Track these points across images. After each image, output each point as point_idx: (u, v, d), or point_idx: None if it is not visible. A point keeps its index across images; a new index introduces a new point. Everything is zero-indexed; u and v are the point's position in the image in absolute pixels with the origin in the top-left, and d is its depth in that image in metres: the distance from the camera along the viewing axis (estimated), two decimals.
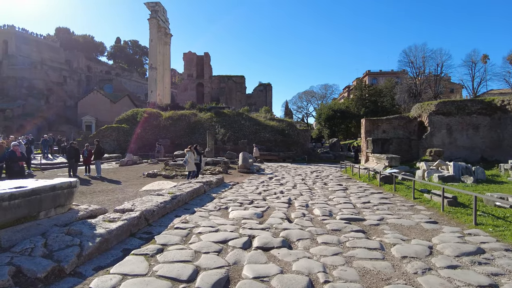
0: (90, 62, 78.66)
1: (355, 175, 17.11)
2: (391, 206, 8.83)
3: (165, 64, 49.69)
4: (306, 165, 26.68)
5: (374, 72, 75.93)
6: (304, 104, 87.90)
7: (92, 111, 58.90)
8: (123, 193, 11.55)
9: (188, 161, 14.10)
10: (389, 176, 12.99)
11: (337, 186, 12.88)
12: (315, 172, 20.23)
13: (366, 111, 60.27)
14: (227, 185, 12.11)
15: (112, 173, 18.59)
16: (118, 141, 33.06)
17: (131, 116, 35.77)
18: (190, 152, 14.48)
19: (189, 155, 14.24)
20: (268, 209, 8.16)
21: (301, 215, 7.49)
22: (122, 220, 5.55)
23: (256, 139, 32.68)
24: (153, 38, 45.87)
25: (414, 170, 14.87)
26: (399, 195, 10.66)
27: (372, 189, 12.20)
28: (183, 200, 8.17)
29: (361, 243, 5.44)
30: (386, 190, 11.79)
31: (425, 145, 18.65)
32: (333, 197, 10.22)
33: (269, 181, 14.78)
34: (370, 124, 20.65)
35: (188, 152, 14.43)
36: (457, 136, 18.54)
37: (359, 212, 8.01)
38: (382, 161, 15.88)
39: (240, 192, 10.65)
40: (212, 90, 63.82)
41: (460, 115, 18.47)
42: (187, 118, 34.24)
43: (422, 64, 58.89)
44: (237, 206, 8.36)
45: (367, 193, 11.05)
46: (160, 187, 12.77)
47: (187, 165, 14.35)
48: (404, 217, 7.51)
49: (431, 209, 8.37)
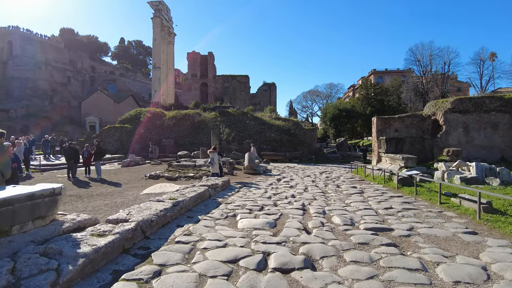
0: (94, 62, 78.19)
1: (367, 176, 16.14)
2: (416, 212, 7.88)
3: (168, 64, 48.91)
4: (314, 165, 25.72)
5: (380, 71, 74.75)
6: (308, 103, 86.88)
7: (95, 111, 58.36)
8: (123, 196, 10.72)
9: (214, 162, 13.54)
10: (407, 178, 12.03)
11: (352, 189, 11.93)
12: (325, 173, 19.28)
13: (373, 110, 59.12)
14: (233, 188, 11.22)
15: (113, 175, 17.79)
16: (121, 141, 32.29)
17: (134, 116, 34.99)
18: (215, 153, 13.88)
19: (214, 156, 13.65)
20: (281, 216, 7.24)
21: (320, 224, 6.57)
22: (114, 233, 4.67)
23: (262, 139, 31.78)
24: (157, 37, 45.11)
25: (432, 171, 13.89)
26: (421, 199, 9.70)
27: (390, 192, 11.24)
28: (186, 207, 7.28)
29: (398, 262, 4.52)
30: (405, 193, 10.83)
31: (440, 145, 17.63)
32: (350, 202, 9.28)
33: (278, 183, 13.86)
34: (381, 123, 19.65)
35: (213, 153, 13.79)
36: (474, 135, 17.50)
37: (384, 220, 7.08)
38: (397, 162, 14.90)
39: (248, 196, 9.75)
40: (216, 90, 63.04)
41: (478, 112, 17.43)
42: (191, 117, 33.40)
43: (429, 62, 57.68)
44: (246, 213, 7.46)
45: (386, 197, 10.10)
46: (162, 190, 11.91)
47: (213, 167, 13.67)
48: (436, 226, 6.57)
49: (463, 216, 7.41)
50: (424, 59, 57.60)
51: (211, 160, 13.68)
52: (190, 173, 16.09)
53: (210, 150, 14.22)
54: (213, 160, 13.63)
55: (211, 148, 14.54)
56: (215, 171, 13.70)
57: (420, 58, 57.59)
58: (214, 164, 13.68)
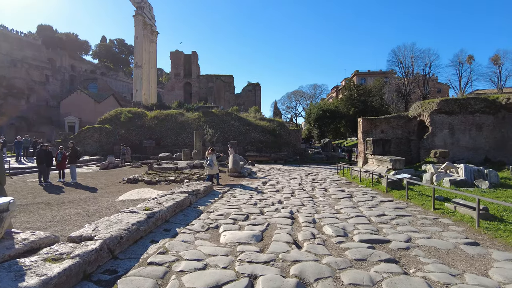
0: (74, 61, 75.63)
1: (354, 178, 15.73)
2: (411, 219, 7.39)
3: (151, 63, 47.59)
4: (299, 166, 25.26)
5: (363, 72, 75.41)
6: (293, 104, 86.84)
7: (75, 111, 56.31)
8: (96, 204, 9.85)
9: (213, 164, 13.31)
10: (397, 181, 11.62)
11: (340, 193, 11.42)
12: (310, 175, 18.80)
13: (356, 111, 59.41)
14: (216, 194, 10.50)
15: (89, 178, 16.76)
16: (100, 142, 30.99)
17: (115, 116, 33.70)
18: (213, 154, 13.63)
19: (212, 158, 13.41)
20: (269, 227, 6.60)
21: (311, 236, 5.96)
22: (73, 257, 3.92)
23: (246, 139, 31.13)
24: (139, 36, 43.76)
25: (420, 173, 13.57)
26: (414, 204, 9.26)
27: (380, 196, 10.79)
28: (163, 218, 6.54)
29: (402, 284, 3.95)
30: (396, 197, 10.39)
31: (427, 146, 17.43)
32: (340, 208, 8.74)
33: (263, 186, 13.24)
34: (368, 123, 19.33)
35: (211, 155, 13.51)
36: (460, 136, 17.38)
37: (378, 230, 6.54)
38: (384, 164, 14.53)
39: (232, 203, 9.06)
40: (200, 89, 61.95)
41: (463, 114, 17.32)
42: (173, 118, 32.39)
43: (411, 64, 58.46)
44: (230, 224, 6.77)
45: (377, 202, 9.62)
46: (140, 196, 11.09)
47: (212, 168, 13.34)
48: (434, 236, 6.08)
49: (460, 224, 6.97)
50: (406, 60, 58.37)
51: (210, 161, 13.32)
52: (171, 177, 15.27)
53: (208, 152, 13.84)
54: (211, 161, 13.30)
55: (209, 149, 14.13)
56: (215, 172, 13.45)
57: (402, 60, 58.34)
58: (213, 166, 13.35)
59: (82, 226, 5.99)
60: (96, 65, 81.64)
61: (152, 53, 48.52)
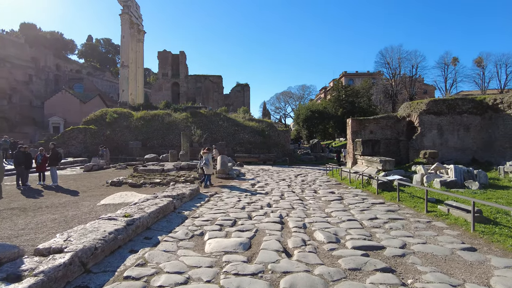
0: (59, 60, 73.78)
1: (344, 179, 15.51)
2: (404, 223, 7.13)
3: (138, 62, 46.71)
4: (288, 167, 24.99)
5: (351, 73, 75.88)
6: (282, 105, 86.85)
7: (60, 111, 54.98)
8: (76, 208, 9.31)
9: (209, 163, 13.21)
10: (387, 183, 11.40)
11: (330, 195, 11.14)
12: (300, 176, 18.52)
13: (344, 112, 59.68)
14: (203, 197, 10.08)
15: (72, 181, 16.10)
16: (85, 143, 30.10)
17: (100, 117, 32.83)
18: (209, 154, 13.52)
19: (208, 157, 13.29)
20: (257, 233, 6.24)
21: (301, 242, 5.62)
22: (36, 274, 3.47)
23: (235, 140, 30.72)
24: (125, 35, 42.87)
25: (410, 174, 13.42)
26: (405, 206, 9.04)
27: (371, 198, 10.55)
28: (144, 225, 6.11)
29: None
30: (387, 199, 10.15)
31: (416, 147, 17.36)
32: (331, 211, 8.44)
33: (252, 188, 12.86)
34: (357, 124, 19.18)
35: (207, 154, 13.41)
36: (448, 136, 17.38)
37: (371, 235, 6.25)
38: (374, 165, 14.34)
39: (219, 207, 8.66)
40: (188, 90, 61.22)
41: (451, 114, 17.32)
42: (160, 118, 31.73)
43: (398, 65, 59.11)
44: (216, 230, 6.38)
45: (368, 204, 9.36)
46: (123, 199, 10.58)
47: (207, 168, 13.22)
48: (429, 241, 5.82)
49: (455, 227, 6.73)
50: (393, 62, 59.04)
51: (206, 161, 13.13)
52: (157, 179, 14.76)
53: (204, 151, 13.61)
54: (207, 161, 13.12)
55: (205, 148, 13.97)
56: (210, 172, 13.32)
57: (390, 61, 59.00)
58: (209, 165, 13.20)
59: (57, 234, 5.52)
60: (82, 64, 79.90)
61: (139, 52, 47.64)
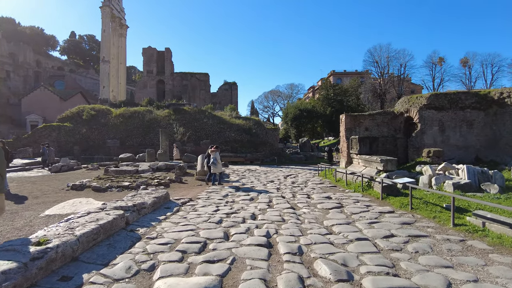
0: (39, 56, 70.18)
1: (339, 181, 13.69)
2: (431, 243, 5.29)
3: (120, 58, 44.14)
4: (277, 167, 23.12)
5: (339, 72, 74.65)
6: (270, 103, 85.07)
7: (38, 109, 51.91)
8: (11, 221, 7.18)
9: (217, 162, 12.72)
10: (392, 186, 9.61)
11: (327, 201, 9.27)
12: (290, 177, 16.66)
13: (332, 111, 58.27)
14: (172, 206, 8.03)
15: (29, 184, 13.82)
16: (59, 142, 27.56)
17: (76, 114, 30.31)
18: (217, 152, 12.99)
19: (216, 156, 12.79)
20: (234, 265, 4.27)
21: (298, 283, 3.70)
22: None
23: (220, 139, 28.66)
24: (106, 28, 40.31)
25: (415, 175, 11.68)
26: (421, 216, 7.22)
27: (375, 204, 8.72)
28: (65, 256, 4.07)
29: None
30: (396, 206, 8.33)
31: (416, 144, 15.71)
32: (332, 224, 6.55)
33: (235, 193, 10.89)
34: (351, 120, 17.41)
35: (215, 153, 12.87)
36: (450, 133, 15.78)
37: (394, 264, 4.38)
38: (373, 165, 12.57)
39: (189, 220, 6.65)
40: (174, 87, 58.75)
41: (453, 109, 15.72)
42: (141, 115, 29.40)
43: (387, 64, 57.96)
44: (174, 261, 4.37)
45: (375, 213, 7.51)
46: (74, 208, 8.48)
47: (216, 167, 12.75)
48: (481, 276, 3.98)
49: (503, 250, 4.92)
50: (382, 60, 57.80)
51: (214, 159, 12.63)
52: (126, 182, 12.65)
53: (212, 150, 13.07)
54: (215, 159, 12.64)
55: (213, 147, 13.30)
56: (219, 170, 12.95)
57: (378, 60, 57.74)
58: (217, 164, 12.71)
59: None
60: (64, 61, 76.39)
61: (121, 47, 45.06)
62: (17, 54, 64.59)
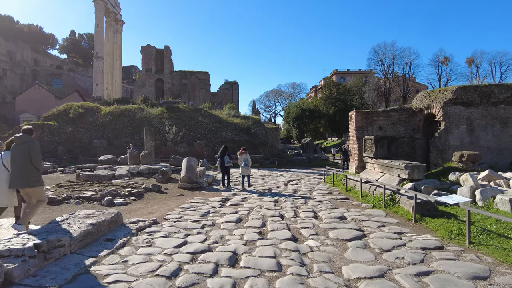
0: (37, 55, 67.94)
1: (351, 191, 11.12)
2: None
3: (115, 54, 41.74)
4: (277, 171, 20.60)
5: (342, 71, 72.01)
6: (271, 103, 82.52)
7: (33, 108, 49.64)
8: None
9: (248, 162, 12.49)
10: (428, 203, 7.04)
11: (341, 224, 6.70)
12: (291, 184, 14.15)
13: (336, 110, 55.67)
14: (119, 235, 5.40)
15: None
16: (42, 141, 25.10)
17: (63, 112, 27.89)
18: (247, 154, 12.70)
19: (247, 157, 12.54)
20: None
21: None
22: None
23: (216, 139, 26.14)
24: (99, 23, 37.94)
25: (447, 186, 9.09)
26: (492, 258, 4.63)
27: (408, 230, 6.14)
28: None
29: None
30: (441, 235, 5.72)
31: (439, 146, 13.09)
32: (356, 278, 3.98)
33: (219, 209, 8.33)
34: (363, 118, 14.80)
35: (246, 154, 12.56)
36: (480, 133, 13.16)
37: None
38: (394, 171, 9.99)
39: (128, 270, 4.09)
40: (173, 86, 56.30)
41: (484, 105, 13.10)
42: (131, 113, 26.92)
43: (392, 62, 55.27)
44: None
45: (416, 251, 4.93)
46: None
47: (247, 168, 12.47)
48: None
49: None
50: (386, 59, 55.15)
51: (245, 161, 12.35)
52: (90, 191, 10.15)
53: (240, 152, 12.74)
54: (246, 161, 12.36)
55: (241, 149, 12.94)
56: (249, 173, 12.70)
57: (383, 58, 55.14)
58: (248, 166, 12.47)
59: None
60: (63, 60, 74.14)
61: (117, 44, 42.68)
62: (14, 52, 62.44)
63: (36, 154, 5.11)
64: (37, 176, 5.18)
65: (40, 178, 5.25)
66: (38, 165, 5.17)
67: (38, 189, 5.21)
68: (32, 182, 5.09)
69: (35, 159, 5.10)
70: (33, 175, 5.10)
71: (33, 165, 5.09)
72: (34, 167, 5.10)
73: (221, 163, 12.92)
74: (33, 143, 5.15)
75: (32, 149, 5.08)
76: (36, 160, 5.12)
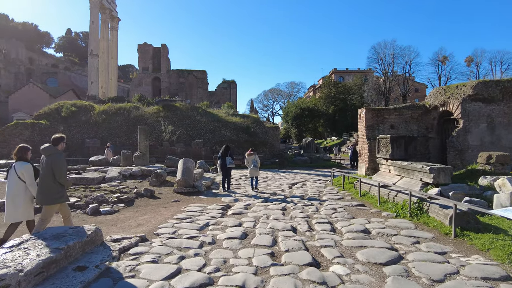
0: (32, 53, 66.37)
1: (365, 196, 9.98)
2: None
3: (111, 52, 40.40)
4: (278, 172, 19.43)
5: (341, 70, 71.00)
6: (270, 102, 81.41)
7: (27, 107, 48.15)
8: None
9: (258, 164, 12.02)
10: (469, 214, 5.92)
11: (367, 240, 5.54)
12: (296, 187, 13.01)
13: (335, 109, 54.65)
14: (94, 262, 4.20)
15: None
16: (32, 141, 23.75)
17: (55, 110, 26.58)
18: (256, 155, 12.21)
19: (256, 158, 12.05)
20: None
21: None
22: None
23: (215, 138, 24.94)
24: (94, 20, 36.59)
25: (477, 191, 7.97)
26: None
27: (452, 248, 5.01)
28: None
29: None
30: (497, 258, 4.58)
31: (458, 146, 11.99)
32: None
33: (221, 220, 7.14)
34: (373, 116, 13.66)
35: (253, 155, 12.04)
36: (502, 132, 12.06)
37: None
38: (415, 175, 8.85)
39: None
40: (170, 85, 54.96)
41: (506, 102, 11.99)
42: (126, 112, 25.64)
43: (391, 61, 54.27)
44: None
45: (477, 282, 3.79)
46: None
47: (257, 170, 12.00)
48: None
49: None
50: (386, 57, 54.13)
51: (254, 163, 11.83)
52: (73, 198, 8.91)
53: (249, 153, 12.25)
54: (255, 162, 11.87)
55: (249, 150, 12.45)
56: (257, 174, 12.09)
57: (383, 57, 54.12)
58: (257, 167, 11.98)
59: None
60: (59, 59, 72.58)
61: (113, 41, 41.34)
62: (8, 51, 60.85)
63: (59, 169, 4.86)
64: (61, 192, 4.99)
65: (65, 193, 5.08)
66: (62, 180, 4.97)
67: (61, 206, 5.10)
68: (55, 198, 4.92)
69: (59, 174, 4.86)
70: (56, 191, 4.90)
71: (56, 181, 4.88)
72: (58, 182, 4.90)
73: (222, 165, 11.77)
74: (57, 156, 4.93)
75: (55, 163, 4.84)
76: (60, 176, 4.88)
